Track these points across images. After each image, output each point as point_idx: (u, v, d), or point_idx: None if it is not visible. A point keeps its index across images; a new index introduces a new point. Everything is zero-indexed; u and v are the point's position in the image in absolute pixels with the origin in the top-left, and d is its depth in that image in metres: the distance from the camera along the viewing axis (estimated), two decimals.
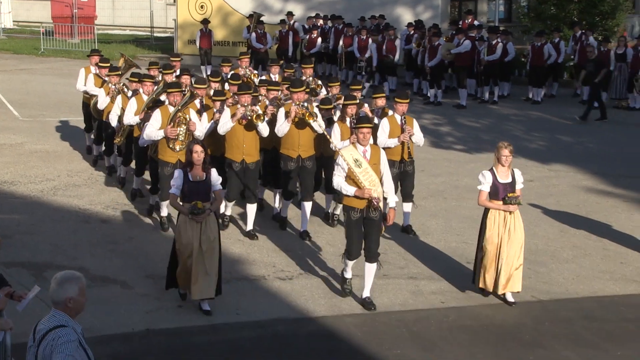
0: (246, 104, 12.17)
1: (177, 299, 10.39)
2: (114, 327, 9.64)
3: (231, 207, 13.05)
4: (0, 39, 37.26)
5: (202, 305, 10.01)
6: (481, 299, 10.72)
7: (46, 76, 28.05)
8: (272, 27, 27.36)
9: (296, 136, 12.58)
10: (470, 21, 26.35)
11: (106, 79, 15.18)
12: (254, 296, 10.62)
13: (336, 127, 12.53)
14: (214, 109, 13.08)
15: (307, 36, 26.92)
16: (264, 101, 13.28)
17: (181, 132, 12.18)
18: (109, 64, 15.77)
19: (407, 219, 13.08)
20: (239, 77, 14.56)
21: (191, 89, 13.13)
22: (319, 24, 27.58)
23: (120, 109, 14.03)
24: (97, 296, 10.25)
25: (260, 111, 12.35)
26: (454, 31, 25.15)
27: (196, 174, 9.95)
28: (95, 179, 15.68)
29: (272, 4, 30.32)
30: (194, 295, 9.84)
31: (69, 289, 5.66)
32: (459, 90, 24.24)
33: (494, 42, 24.01)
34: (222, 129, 12.34)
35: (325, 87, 14.89)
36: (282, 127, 12.43)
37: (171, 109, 12.23)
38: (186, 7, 30.69)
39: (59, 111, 21.86)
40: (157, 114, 12.35)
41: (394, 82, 25.70)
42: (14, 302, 7.12)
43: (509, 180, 10.42)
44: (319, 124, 12.43)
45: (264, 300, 10.55)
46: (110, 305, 10.21)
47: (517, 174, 10.58)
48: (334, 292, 10.81)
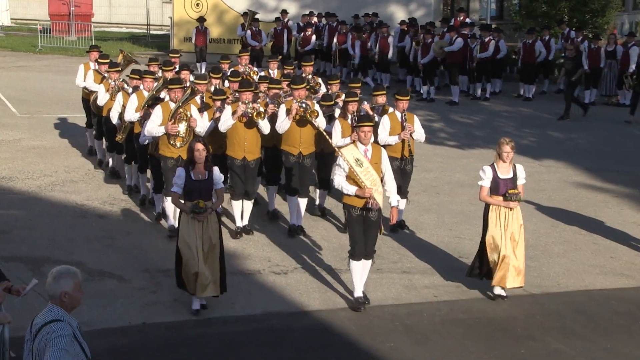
0: (247, 101, 12.02)
1: (173, 293, 10.38)
2: (111, 320, 9.63)
3: (239, 211, 12.60)
4: None
5: (199, 301, 9.91)
6: (473, 293, 10.73)
7: (43, 73, 27.97)
8: (267, 24, 27.36)
9: (297, 133, 12.44)
10: (462, 19, 26.32)
11: (106, 75, 15.03)
12: (249, 290, 10.62)
13: (337, 124, 12.35)
14: (215, 108, 12.87)
15: (302, 34, 26.90)
16: (264, 99, 13.07)
17: (182, 129, 12.02)
18: (108, 60, 15.60)
19: (401, 214, 12.99)
20: (239, 74, 14.44)
21: (192, 85, 12.95)
22: (313, 22, 27.57)
23: (121, 106, 13.80)
24: (95, 290, 10.24)
25: (261, 108, 12.15)
26: (446, 29, 25.14)
27: (198, 173, 9.84)
28: (92, 174, 15.64)
29: (266, 1, 30.26)
30: (199, 292, 9.68)
31: (64, 283, 5.66)
32: (451, 87, 24.23)
33: (486, 40, 23.99)
34: (222, 127, 12.18)
35: (325, 85, 14.73)
36: (283, 124, 12.28)
37: (172, 105, 12.03)
38: (182, 5, 30.64)
39: (56, 108, 21.82)
40: (158, 110, 12.14)
41: (388, 78, 25.78)
42: (12, 296, 7.11)
43: (510, 175, 10.28)
44: (319, 122, 12.24)
45: (259, 294, 10.55)
46: (107, 299, 10.20)
47: (519, 169, 10.41)
48: (328, 286, 10.82)
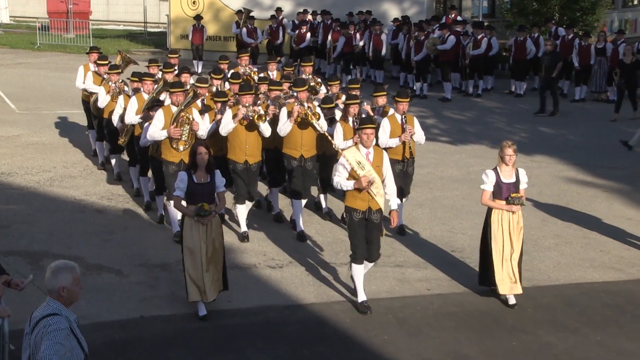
0: (248, 104, 11.80)
1: (170, 287, 10.39)
2: (109, 314, 9.62)
3: (245, 214, 12.34)
4: None
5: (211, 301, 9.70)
6: (466, 287, 10.73)
7: (42, 70, 27.91)
8: (262, 22, 27.33)
9: (299, 136, 12.19)
10: (453, 16, 26.33)
11: (105, 76, 14.81)
12: (245, 284, 10.61)
13: (339, 126, 12.08)
14: (216, 110, 12.60)
15: (297, 31, 26.87)
16: (265, 100, 12.82)
17: (184, 132, 11.77)
18: (107, 61, 15.38)
19: (400, 219, 12.41)
20: (240, 75, 14.22)
21: (193, 88, 12.72)
22: (307, 19, 27.54)
23: (122, 108, 13.54)
24: (93, 284, 10.25)
25: (262, 111, 11.89)
26: (437, 26, 25.11)
27: (200, 176, 9.62)
28: (90, 170, 15.62)
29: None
30: (209, 297, 9.50)
31: (62, 278, 5.64)
32: (444, 83, 24.23)
33: (479, 37, 24.01)
34: (223, 130, 11.92)
35: (325, 86, 14.51)
36: (285, 126, 12.01)
37: (174, 109, 11.76)
38: (179, 3, 30.57)
39: (55, 104, 21.78)
40: (160, 114, 11.85)
41: (381, 75, 25.79)
42: (11, 289, 7.10)
43: (513, 180, 10.05)
44: (322, 125, 12.04)
45: (255, 288, 10.54)
46: (105, 293, 10.19)
47: (522, 173, 10.19)
48: (322, 280, 10.82)
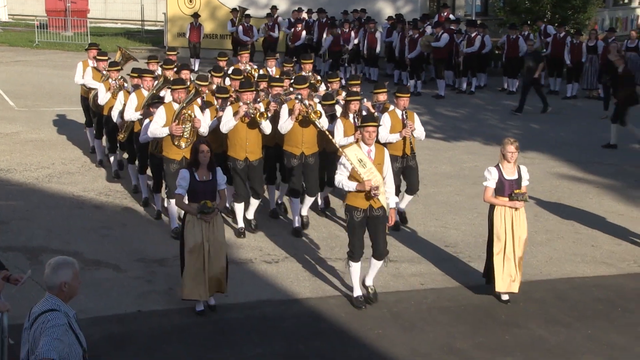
0: (249, 102, 11.61)
1: (168, 282, 10.37)
2: (107, 308, 9.61)
3: (242, 212, 12.25)
4: None
5: (208, 300, 9.59)
6: (459, 282, 10.73)
7: (41, 68, 27.85)
8: (258, 20, 27.30)
9: (299, 133, 12.01)
10: (446, 14, 26.33)
11: (105, 72, 14.67)
12: (242, 279, 10.59)
13: (339, 123, 11.88)
14: (217, 106, 12.37)
15: (292, 29, 26.85)
16: (264, 98, 12.63)
17: (186, 129, 11.64)
18: (107, 57, 15.28)
19: (402, 208, 12.68)
20: (241, 72, 14.10)
21: (195, 85, 12.63)
22: (302, 17, 27.51)
23: (122, 105, 13.42)
24: (91, 279, 10.23)
25: (263, 109, 11.73)
26: (427, 25, 25.04)
27: (202, 174, 9.49)
28: (88, 166, 15.59)
29: None
30: (206, 295, 9.40)
31: (63, 274, 5.63)
32: (438, 81, 24.22)
33: (472, 35, 24.02)
34: (224, 127, 11.72)
35: (324, 83, 14.34)
36: (286, 124, 11.82)
37: (175, 106, 11.62)
38: (175, 2, 30.55)
39: (53, 101, 21.74)
40: (162, 111, 11.69)
41: (376, 73, 25.83)
42: (10, 285, 7.08)
43: (515, 177, 9.95)
44: (322, 122, 11.82)
45: (251, 282, 10.53)
46: (103, 288, 10.18)
47: (523, 170, 10.10)
48: (317, 275, 10.81)
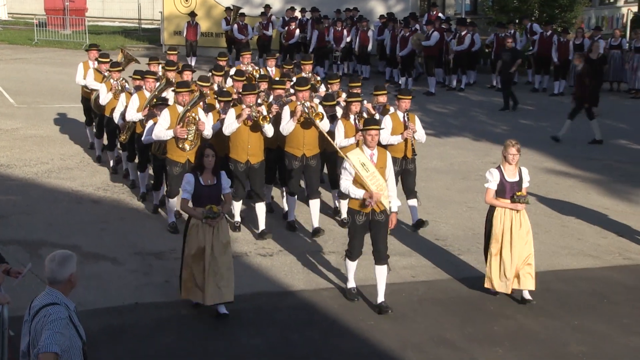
0: (251, 105, 11.43)
1: (164, 275, 10.38)
2: (105, 301, 9.61)
3: (239, 208, 12.20)
4: None
5: (219, 308, 9.33)
6: (449, 274, 10.76)
7: (40, 65, 27.76)
8: (252, 19, 27.27)
9: (301, 135, 11.79)
10: (435, 13, 26.33)
11: (106, 74, 14.51)
12: (237, 272, 10.47)
13: (340, 124, 11.72)
14: (219, 109, 12.20)
15: (286, 28, 26.83)
16: (265, 99, 12.49)
17: (190, 132, 11.48)
18: (109, 59, 15.11)
19: (416, 214, 12.42)
20: (244, 73, 13.98)
21: (200, 88, 12.47)
22: (296, 16, 27.47)
23: (124, 106, 13.30)
24: (89, 272, 10.23)
25: (265, 112, 11.54)
26: (416, 26, 24.99)
27: (207, 178, 9.31)
28: (86, 162, 15.57)
29: None
30: (208, 300, 9.13)
31: (70, 266, 5.66)
32: (428, 78, 24.24)
33: (462, 34, 24.05)
34: (227, 130, 11.54)
35: (324, 84, 14.19)
36: (288, 126, 11.64)
37: (180, 109, 11.49)
38: (172, 0, 30.42)
39: (52, 98, 21.68)
40: (166, 113, 11.56)
41: (368, 70, 25.84)
42: (10, 278, 7.08)
43: (516, 179, 9.80)
44: (324, 124, 11.64)
45: (246, 275, 10.53)
46: (101, 280, 10.18)
47: (524, 172, 9.94)
48: (311, 268, 10.83)
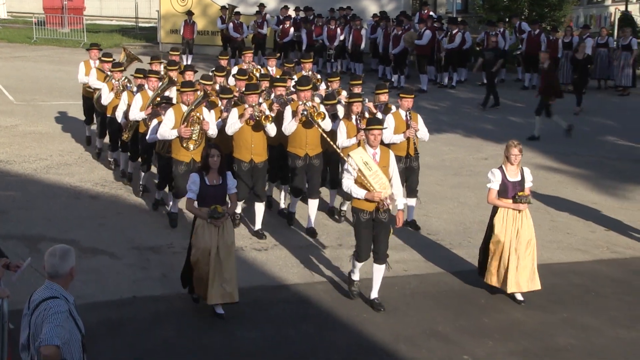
0: (254, 104, 11.29)
1: (162, 269, 10.37)
2: (103, 294, 9.61)
3: (241, 205, 12.11)
4: None
5: (216, 309, 9.20)
6: (441, 268, 10.77)
7: (39, 63, 27.70)
8: (247, 17, 27.24)
9: (303, 135, 11.59)
10: (426, 12, 26.32)
11: (109, 73, 14.36)
12: None
13: (342, 124, 11.45)
14: (221, 107, 12.14)
15: (280, 26, 26.80)
16: (266, 98, 12.30)
17: (195, 132, 11.33)
18: (112, 58, 14.94)
19: (412, 214, 12.35)
20: (246, 72, 13.86)
21: (203, 87, 12.38)
22: (290, 15, 27.42)
23: (126, 105, 13.12)
24: (88, 266, 10.22)
25: (268, 111, 11.41)
26: (408, 25, 24.97)
27: (212, 178, 9.19)
28: (85, 158, 15.54)
29: None
30: (210, 299, 9.00)
31: (70, 260, 5.68)
32: (420, 75, 24.24)
33: (453, 32, 24.06)
34: (230, 130, 11.40)
35: (324, 82, 14.09)
36: (290, 125, 11.43)
37: (184, 108, 11.36)
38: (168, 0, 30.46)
39: (50, 96, 21.65)
40: (170, 113, 11.42)
41: (360, 68, 25.80)
42: (10, 272, 7.07)
43: (518, 178, 9.70)
44: (326, 124, 11.47)
45: (242, 269, 10.45)
46: (99, 274, 10.17)
47: (527, 172, 9.85)
48: (305, 262, 10.83)
